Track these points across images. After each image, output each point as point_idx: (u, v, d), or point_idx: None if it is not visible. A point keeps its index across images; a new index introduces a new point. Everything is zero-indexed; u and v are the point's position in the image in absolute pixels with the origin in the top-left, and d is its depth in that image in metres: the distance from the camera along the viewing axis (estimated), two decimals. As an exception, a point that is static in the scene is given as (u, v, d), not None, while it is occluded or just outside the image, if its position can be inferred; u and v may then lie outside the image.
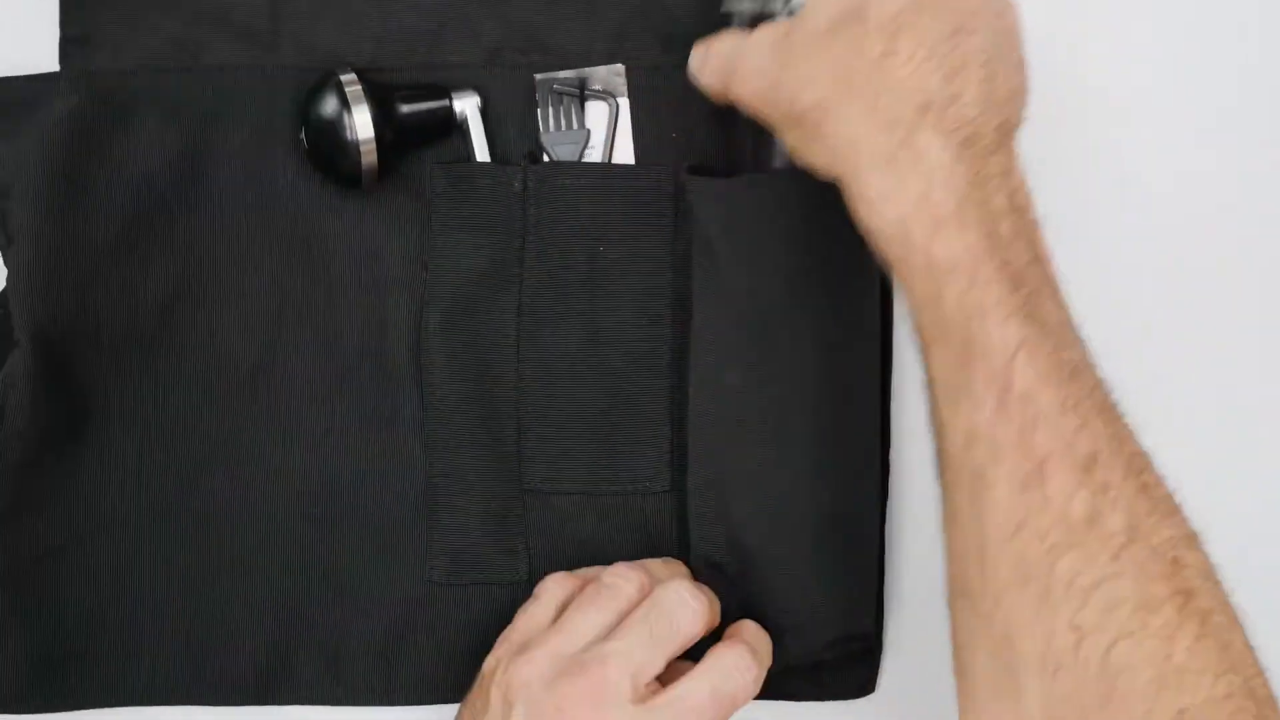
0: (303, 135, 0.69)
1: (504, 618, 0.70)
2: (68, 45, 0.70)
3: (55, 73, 0.70)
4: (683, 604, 0.63)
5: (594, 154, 0.71)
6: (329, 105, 0.68)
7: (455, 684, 0.71)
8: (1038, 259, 0.56)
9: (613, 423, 0.71)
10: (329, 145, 0.68)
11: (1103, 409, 0.54)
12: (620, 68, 0.71)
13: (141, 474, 0.71)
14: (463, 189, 0.70)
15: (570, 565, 0.69)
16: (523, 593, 0.70)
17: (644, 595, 0.64)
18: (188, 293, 0.71)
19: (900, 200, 0.55)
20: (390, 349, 0.71)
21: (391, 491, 0.71)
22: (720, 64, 0.64)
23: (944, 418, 0.56)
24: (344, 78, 0.68)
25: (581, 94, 0.71)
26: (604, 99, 0.71)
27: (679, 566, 0.69)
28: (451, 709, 0.69)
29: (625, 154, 0.71)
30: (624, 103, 0.71)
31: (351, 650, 0.71)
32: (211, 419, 0.71)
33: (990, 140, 0.56)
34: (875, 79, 0.56)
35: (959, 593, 0.57)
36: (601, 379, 0.71)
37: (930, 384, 0.57)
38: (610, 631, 0.63)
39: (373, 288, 0.71)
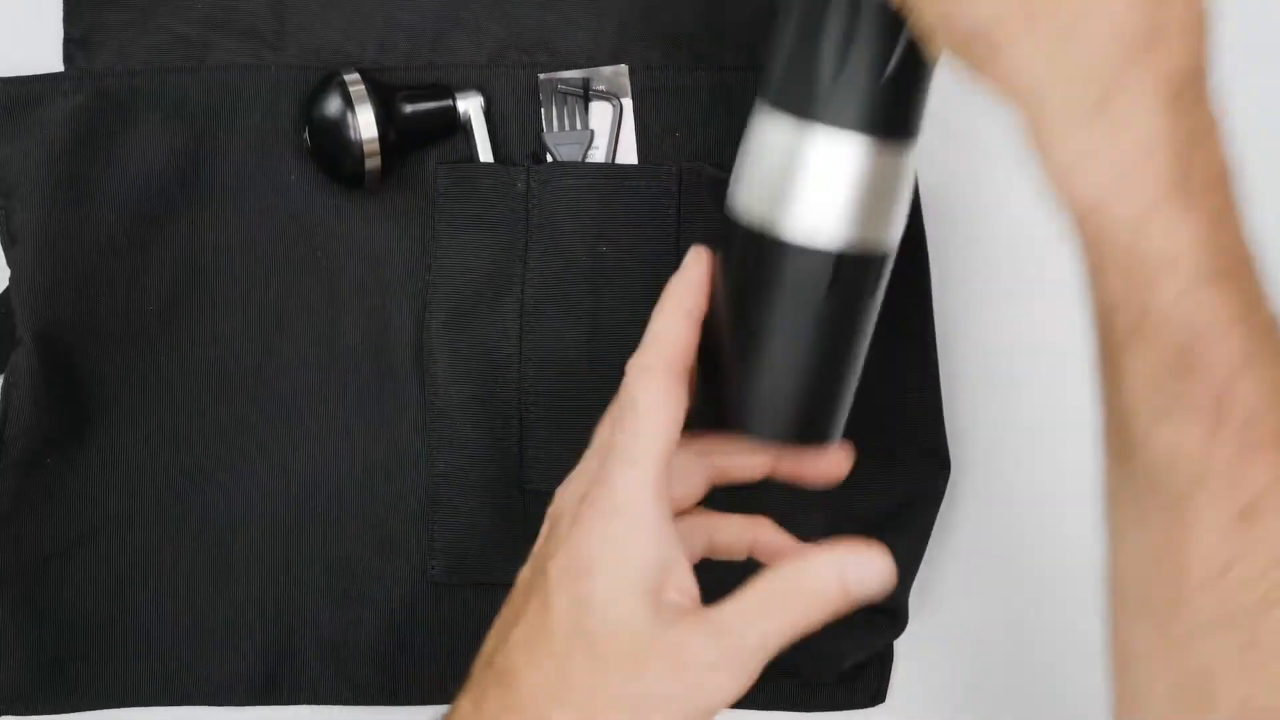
0: (306, 135, 0.69)
1: (506, 618, 0.70)
2: (71, 45, 0.70)
3: (59, 73, 0.70)
4: None
5: (597, 154, 0.71)
6: (332, 105, 0.68)
7: (457, 683, 0.71)
8: (1245, 232, 0.47)
9: (615, 423, 0.71)
10: (332, 145, 0.68)
11: None
12: (624, 68, 0.71)
13: (144, 474, 0.71)
14: (466, 189, 0.70)
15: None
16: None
17: None
18: (191, 292, 0.71)
19: (1101, 172, 0.45)
20: (393, 348, 0.71)
21: (393, 491, 0.71)
22: None
23: (1139, 427, 0.47)
24: (347, 77, 0.68)
25: (585, 94, 0.71)
26: (607, 99, 0.71)
27: None
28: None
29: (628, 154, 0.71)
30: (627, 103, 0.71)
31: (354, 650, 0.71)
32: (214, 418, 0.71)
33: (1199, 82, 0.45)
34: (1069, 3, 0.45)
35: (1141, 605, 0.50)
36: (603, 379, 0.70)
37: (1118, 386, 0.48)
38: None
39: (375, 287, 0.71)
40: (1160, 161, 0.45)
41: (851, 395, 0.57)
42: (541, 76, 0.71)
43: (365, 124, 0.67)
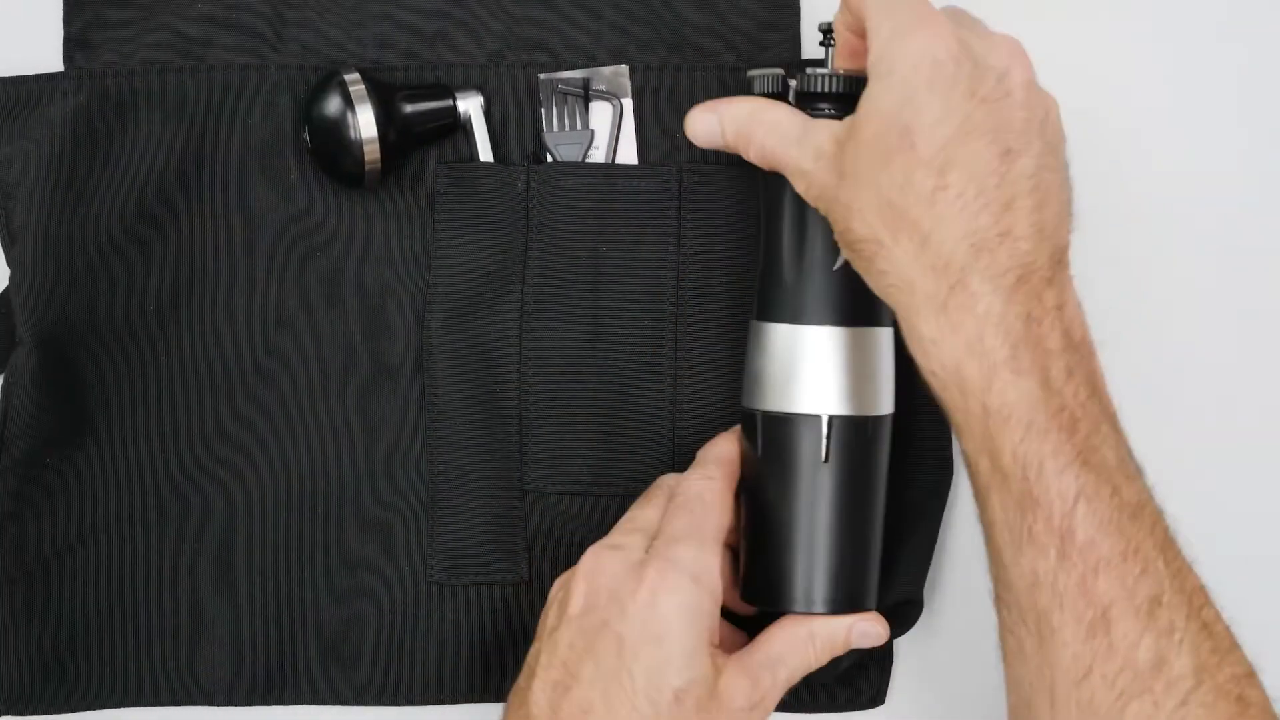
0: (306, 135, 0.69)
1: (505, 618, 0.70)
2: (71, 45, 0.70)
3: (59, 73, 0.70)
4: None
5: (597, 154, 0.71)
6: (332, 104, 0.68)
7: (457, 684, 0.71)
8: (1095, 392, 0.56)
9: (614, 423, 0.71)
10: (332, 145, 0.68)
11: (1163, 546, 0.55)
12: (624, 68, 0.71)
13: (144, 473, 0.71)
14: (466, 189, 0.70)
15: (572, 566, 0.69)
16: (523, 593, 0.70)
17: None
18: (191, 292, 0.71)
19: (953, 347, 0.56)
20: (392, 348, 0.71)
21: (393, 491, 0.71)
22: (754, 146, 0.63)
23: (1005, 560, 0.57)
24: (347, 77, 0.68)
25: (585, 94, 0.71)
26: (608, 99, 0.71)
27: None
28: (454, 708, 0.69)
29: (629, 154, 0.71)
30: (627, 103, 0.71)
31: (354, 650, 0.71)
32: (214, 418, 0.71)
33: (1044, 273, 0.56)
34: (926, 217, 0.56)
35: (1027, 715, 0.58)
36: (603, 379, 0.71)
37: (988, 525, 0.58)
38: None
39: (375, 287, 0.71)
40: (998, 337, 0.55)
41: (877, 561, 0.65)
42: (541, 76, 0.71)
43: (365, 124, 0.67)
